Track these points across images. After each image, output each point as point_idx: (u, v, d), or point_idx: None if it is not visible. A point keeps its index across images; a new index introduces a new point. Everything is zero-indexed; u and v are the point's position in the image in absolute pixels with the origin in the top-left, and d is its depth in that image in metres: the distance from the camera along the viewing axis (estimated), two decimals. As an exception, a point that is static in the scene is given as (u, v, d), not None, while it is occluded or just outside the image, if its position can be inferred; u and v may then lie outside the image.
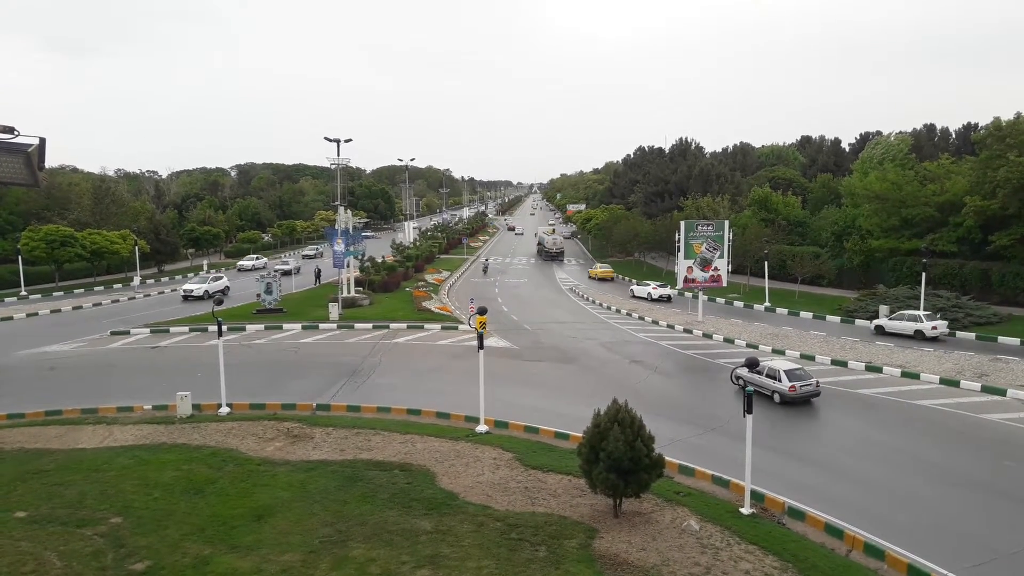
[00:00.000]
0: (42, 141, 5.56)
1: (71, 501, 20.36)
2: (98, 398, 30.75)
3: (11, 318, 51.77)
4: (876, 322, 44.84)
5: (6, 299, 60.07)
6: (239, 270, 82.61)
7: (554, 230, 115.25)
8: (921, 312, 42.93)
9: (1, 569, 16.50)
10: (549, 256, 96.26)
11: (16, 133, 5.50)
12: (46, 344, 42.01)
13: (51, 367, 37.14)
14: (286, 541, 17.78)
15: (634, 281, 69.79)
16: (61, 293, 64.29)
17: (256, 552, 17.22)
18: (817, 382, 29.67)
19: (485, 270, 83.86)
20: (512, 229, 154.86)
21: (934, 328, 41.67)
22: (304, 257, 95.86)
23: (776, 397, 29.38)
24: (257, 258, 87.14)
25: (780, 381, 29.21)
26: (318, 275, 69.88)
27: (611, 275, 77.76)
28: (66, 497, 20.64)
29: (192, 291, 59.56)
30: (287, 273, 72.71)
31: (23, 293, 61.96)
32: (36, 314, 53.54)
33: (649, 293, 61.87)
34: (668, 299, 60.80)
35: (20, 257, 63.41)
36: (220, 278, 63.85)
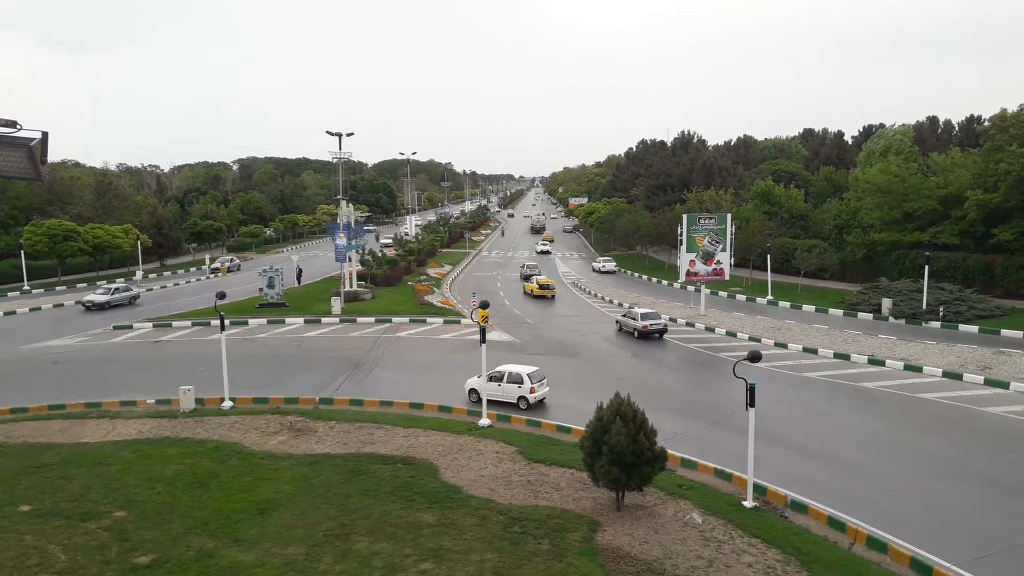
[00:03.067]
0: (44, 135, 5.55)
1: (75, 495, 20.44)
2: (101, 392, 30.84)
3: (14, 312, 51.87)
4: (593, 264, 78.60)
5: (9, 293, 60.17)
6: None
7: (543, 214, 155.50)
8: (602, 257, 78.77)
9: (6, 562, 16.56)
10: (535, 231, 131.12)
11: (18, 127, 5.49)
12: (49, 338, 42.11)
13: (54, 361, 37.24)
14: (289, 534, 17.83)
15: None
16: (64, 287, 64.37)
17: (259, 545, 17.28)
18: None
19: (503, 234, 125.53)
20: (512, 215, 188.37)
21: (604, 266, 75.89)
22: (212, 271, 73.41)
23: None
24: None
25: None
26: (299, 275, 65.37)
27: (551, 237, 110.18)
28: (70, 491, 20.71)
29: None
30: (89, 308, 51.44)
31: (26, 287, 62.07)
32: (39, 308, 53.64)
33: (538, 249, 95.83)
34: (548, 253, 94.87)
35: (23, 251, 63.51)
36: None
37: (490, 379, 28.54)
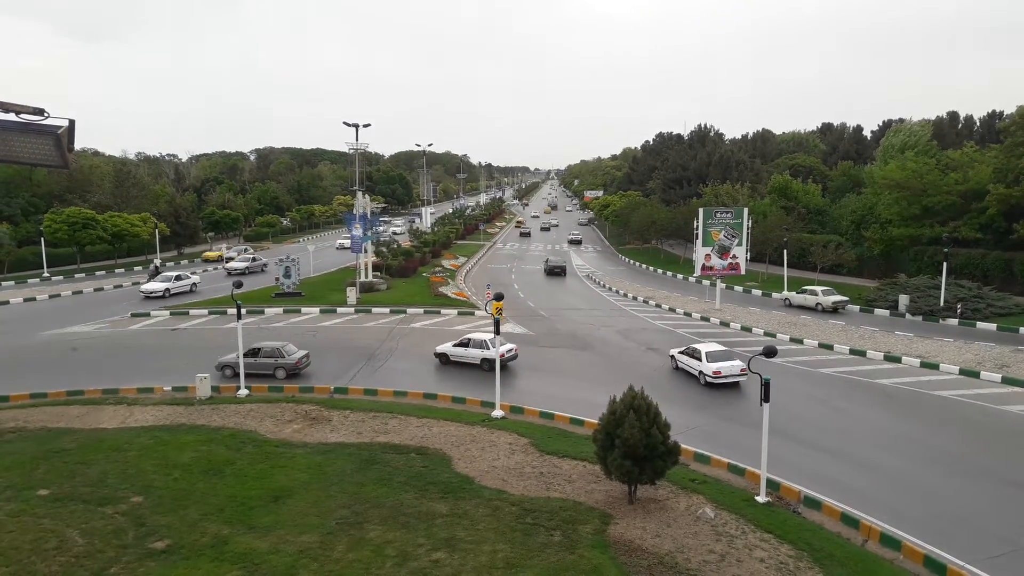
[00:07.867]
0: (71, 123, 5.63)
1: (93, 480, 20.69)
2: (119, 379, 31.15)
3: (34, 299, 52.47)
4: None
5: (29, 280, 60.85)
6: None
7: (555, 197, 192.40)
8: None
9: (24, 545, 16.82)
10: (550, 206, 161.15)
11: (46, 115, 5.57)
12: (68, 325, 42.56)
13: (73, 348, 37.64)
14: (303, 522, 17.98)
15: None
16: (83, 275, 65.00)
17: (274, 533, 17.44)
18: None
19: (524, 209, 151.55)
20: (527, 205, 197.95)
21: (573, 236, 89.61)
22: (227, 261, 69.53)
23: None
24: None
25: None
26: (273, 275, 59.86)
27: (548, 210, 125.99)
28: (88, 476, 20.97)
29: None
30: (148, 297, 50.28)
31: (46, 275, 62.74)
32: (58, 295, 54.22)
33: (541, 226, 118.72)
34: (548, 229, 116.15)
35: (43, 239, 64.17)
36: None
37: None
